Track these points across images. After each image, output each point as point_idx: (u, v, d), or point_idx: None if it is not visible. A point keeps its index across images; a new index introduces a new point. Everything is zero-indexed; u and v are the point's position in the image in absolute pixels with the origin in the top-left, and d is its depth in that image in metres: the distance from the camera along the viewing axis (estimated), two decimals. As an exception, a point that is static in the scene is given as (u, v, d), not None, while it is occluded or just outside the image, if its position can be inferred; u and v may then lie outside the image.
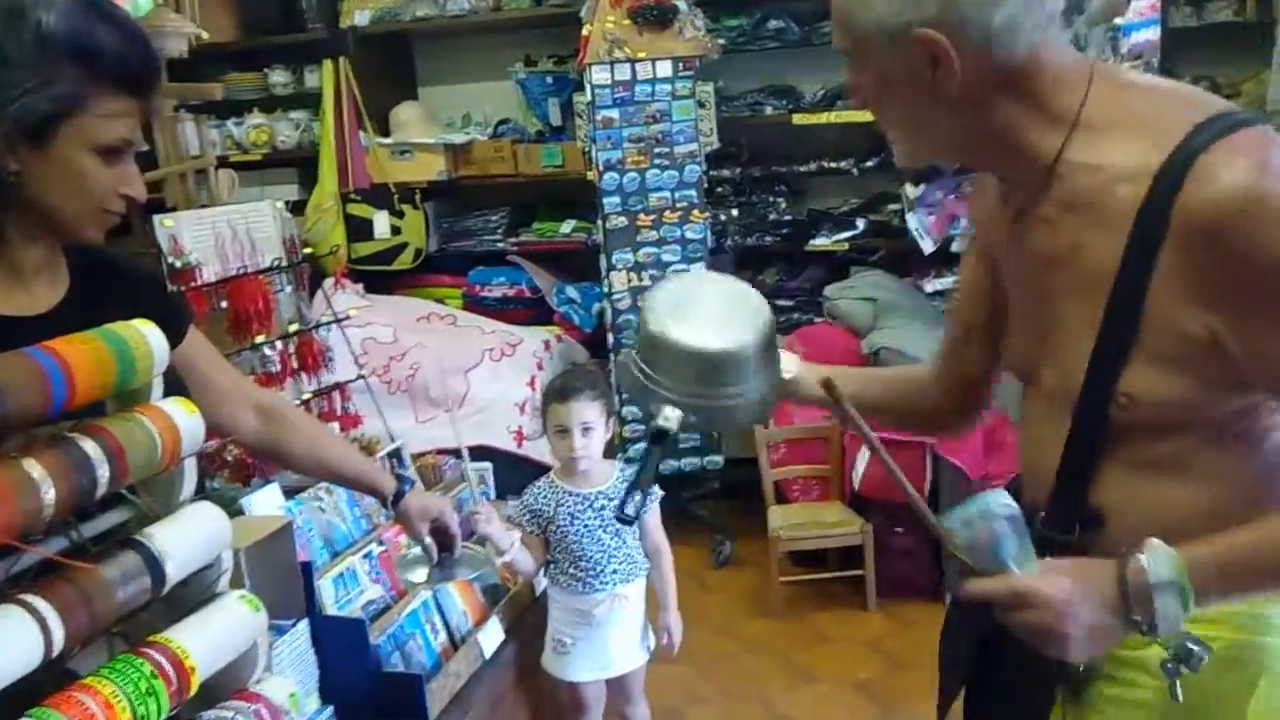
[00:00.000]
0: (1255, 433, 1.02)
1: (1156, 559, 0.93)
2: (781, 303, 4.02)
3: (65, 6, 1.07)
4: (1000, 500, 0.99)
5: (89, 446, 0.87)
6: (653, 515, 2.31)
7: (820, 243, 3.86)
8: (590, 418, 2.18)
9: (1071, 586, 0.94)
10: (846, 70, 1.07)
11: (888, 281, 3.67)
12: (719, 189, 3.96)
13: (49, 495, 0.82)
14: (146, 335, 0.95)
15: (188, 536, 0.96)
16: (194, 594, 0.99)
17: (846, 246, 3.84)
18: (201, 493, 1.06)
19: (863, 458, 3.31)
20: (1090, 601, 0.94)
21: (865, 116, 3.88)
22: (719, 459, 3.81)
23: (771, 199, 4.02)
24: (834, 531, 3.28)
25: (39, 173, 1.09)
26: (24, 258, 1.14)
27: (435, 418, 3.81)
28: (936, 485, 3.16)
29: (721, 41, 3.72)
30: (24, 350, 0.87)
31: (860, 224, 3.85)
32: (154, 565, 0.91)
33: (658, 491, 2.32)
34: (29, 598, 0.83)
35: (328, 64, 4.08)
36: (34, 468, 0.82)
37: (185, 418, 0.96)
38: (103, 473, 0.87)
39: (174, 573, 0.93)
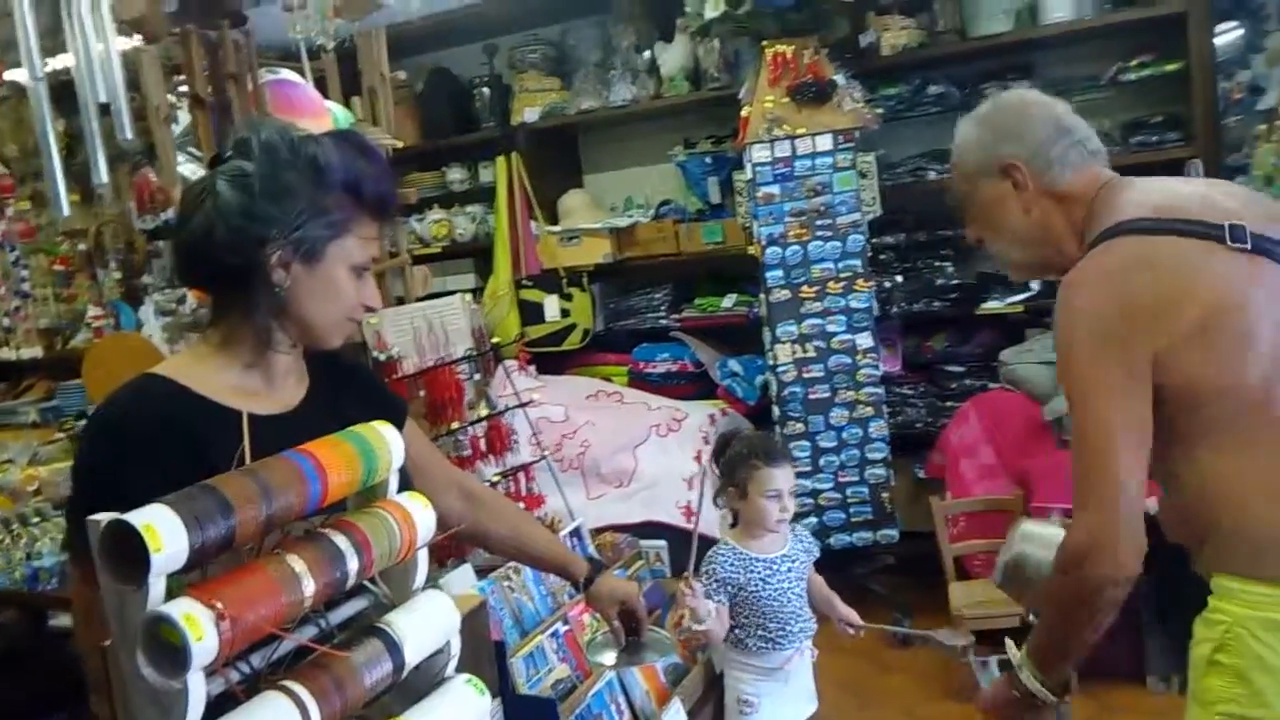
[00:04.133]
0: None
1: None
2: (952, 369, 3.94)
3: (332, 142, 1.21)
4: None
5: (341, 541, 0.94)
6: (811, 570, 2.33)
7: (992, 306, 3.76)
8: (794, 481, 2.26)
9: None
10: (965, 221, 1.58)
11: (1067, 345, 3.53)
12: (882, 256, 3.92)
13: (309, 588, 0.89)
14: (386, 436, 1.03)
15: (423, 623, 1.01)
16: (425, 678, 1.04)
17: (1021, 309, 3.73)
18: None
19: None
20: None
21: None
22: (894, 533, 3.71)
23: (937, 263, 3.95)
24: (1023, 610, 3.11)
25: (304, 288, 1.22)
26: (279, 362, 1.27)
27: (606, 494, 3.89)
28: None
29: (880, 111, 3.73)
30: (284, 454, 0.95)
31: (1034, 285, 3.72)
32: (395, 651, 0.97)
33: (818, 549, 2.36)
34: (290, 684, 0.89)
35: (501, 160, 4.33)
36: (296, 562, 0.90)
37: (421, 511, 1.03)
38: (353, 565, 0.94)
39: (412, 658, 0.99)
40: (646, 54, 4.27)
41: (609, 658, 1.86)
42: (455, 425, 2.30)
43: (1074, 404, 1.34)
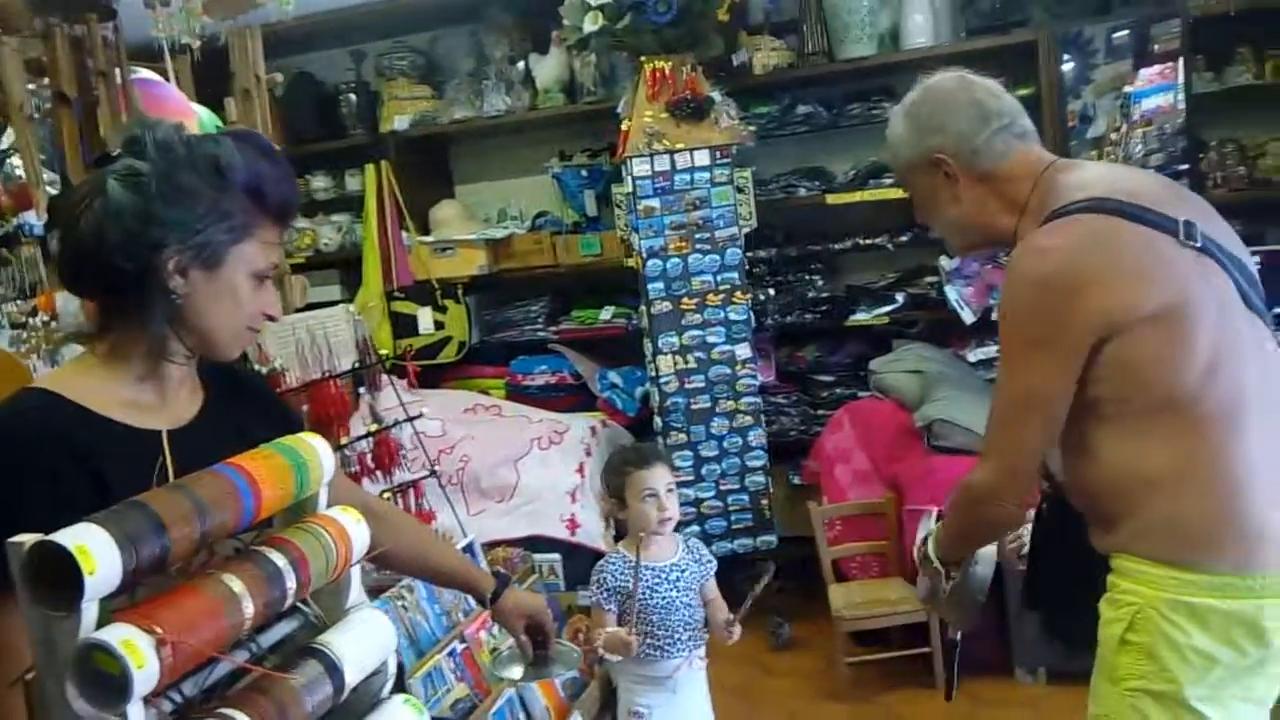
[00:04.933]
0: None
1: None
2: (823, 378, 4.07)
3: (234, 144, 1.14)
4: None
5: (278, 559, 0.89)
6: (710, 582, 2.37)
7: (860, 318, 3.91)
8: (671, 480, 2.28)
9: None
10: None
11: (932, 353, 3.70)
12: (755, 269, 4.02)
13: (249, 609, 0.84)
14: (316, 448, 0.98)
15: (360, 643, 0.97)
16: (363, 700, 1.00)
17: (886, 321, 3.89)
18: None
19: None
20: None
21: (897, 194, 3.91)
22: (772, 539, 3.79)
23: (808, 277, 4.08)
24: (899, 609, 3.23)
25: (203, 295, 1.15)
26: (173, 374, 1.19)
27: (487, 509, 3.82)
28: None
29: (753, 128, 3.83)
30: (215, 468, 0.90)
31: (899, 298, 3.89)
32: (335, 672, 0.92)
33: (714, 563, 2.41)
34: (229, 711, 0.84)
35: (370, 168, 4.21)
36: (234, 582, 0.84)
37: (354, 526, 0.98)
38: (290, 584, 0.89)
39: (351, 679, 0.94)
40: (520, 65, 4.25)
41: (516, 672, 1.82)
42: (344, 441, 2.21)
43: (1005, 367, 1.40)
